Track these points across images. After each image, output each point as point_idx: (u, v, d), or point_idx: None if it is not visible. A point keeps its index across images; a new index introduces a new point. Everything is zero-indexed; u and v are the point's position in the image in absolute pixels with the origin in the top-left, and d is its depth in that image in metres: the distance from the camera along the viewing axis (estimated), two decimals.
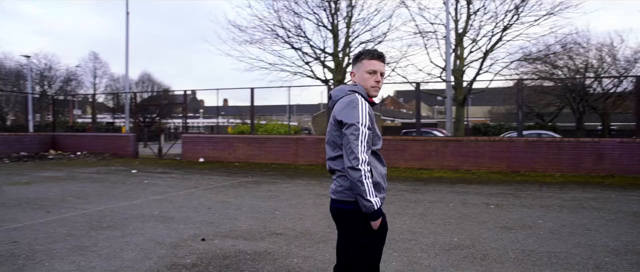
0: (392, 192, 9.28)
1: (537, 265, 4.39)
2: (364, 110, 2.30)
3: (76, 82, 46.40)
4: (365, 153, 2.24)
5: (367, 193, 2.21)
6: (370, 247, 2.38)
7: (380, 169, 2.42)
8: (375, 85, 2.46)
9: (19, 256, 4.63)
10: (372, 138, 2.37)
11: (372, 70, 2.44)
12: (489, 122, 40.00)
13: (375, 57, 2.46)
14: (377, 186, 2.34)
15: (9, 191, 9.32)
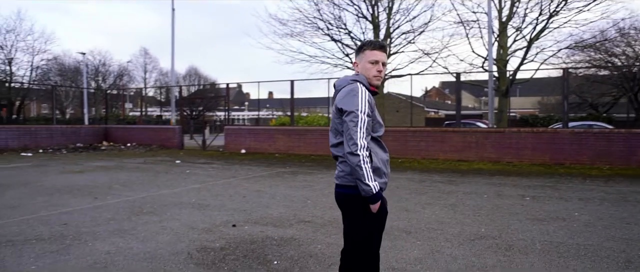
0: (426, 183, 9.24)
1: (563, 256, 4.31)
2: (363, 98, 2.39)
3: (128, 77, 48.65)
4: (364, 139, 2.32)
5: (366, 177, 2.30)
6: (370, 231, 2.47)
7: (381, 155, 2.50)
8: (377, 75, 2.53)
9: (67, 237, 5.03)
10: (372, 125, 2.44)
11: (374, 60, 2.52)
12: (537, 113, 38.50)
13: (377, 48, 2.53)
14: (377, 171, 2.42)
15: (64, 178, 10.01)
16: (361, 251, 2.51)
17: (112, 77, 42.34)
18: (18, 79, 30.36)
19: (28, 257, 4.31)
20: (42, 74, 32.76)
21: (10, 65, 29.95)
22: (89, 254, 4.41)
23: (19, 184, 9.14)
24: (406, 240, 4.93)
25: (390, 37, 21.07)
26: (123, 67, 44.09)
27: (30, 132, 19.61)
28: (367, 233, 2.48)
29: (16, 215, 6.18)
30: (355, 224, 2.49)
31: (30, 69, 30.65)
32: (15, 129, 19.49)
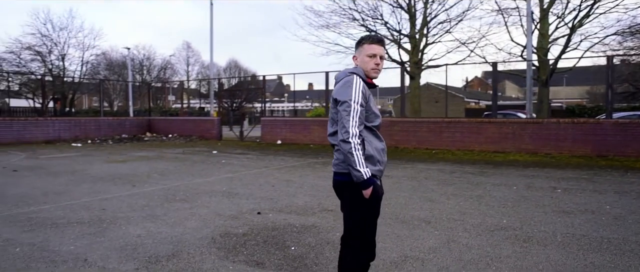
0: (456, 175, 9.17)
1: (583, 249, 4.25)
2: (357, 89, 2.48)
3: (171, 71, 50.27)
4: (356, 127, 2.43)
5: (357, 164, 2.41)
6: (364, 216, 2.57)
7: (375, 144, 2.58)
8: (375, 68, 2.62)
9: (104, 221, 5.40)
10: (367, 116, 2.54)
11: (372, 53, 2.60)
12: (585, 103, 36.83)
13: (375, 42, 2.62)
14: (370, 159, 2.51)
15: (107, 167, 10.60)
16: (355, 236, 2.62)
17: (156, 71, 43.86)
18: (70, 73, 31.99)
19: (68, 238, 4.68)
20: (92, 68, 34.38)
21: (63, 61, 31.64)
22: (121, 236, 4.73)
23: (67, 172, 9.77)
24: (424, 229, 4.98)
25: (427, 27, 20.76)
26: (166, 61, 45.59)
27: (80, 124, 20.73)
28: (361, 218, 2.58)
29: (62, 200, 6.66)
30: (350, 209, 2.60)
31: (80, 64, 32.26)
32: (67, 121, 20.65)
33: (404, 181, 8.47)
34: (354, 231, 2.61)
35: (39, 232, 4.89)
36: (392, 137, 15.89)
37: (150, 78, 44.61)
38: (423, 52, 21.02)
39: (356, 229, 2.60)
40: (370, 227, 2.62)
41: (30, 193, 7.26)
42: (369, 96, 2.58)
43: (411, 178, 8.79)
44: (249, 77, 49.46)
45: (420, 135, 15.33)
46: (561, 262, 3.89)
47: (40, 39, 30.20)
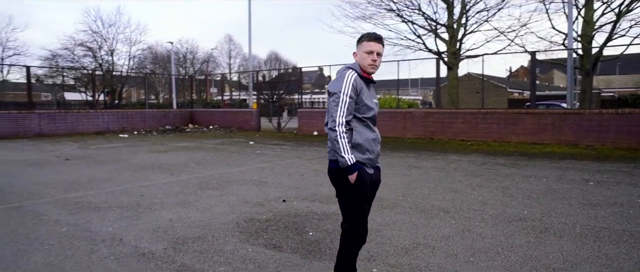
0: (487, 166, 9.11)
1: (601, 241, 4.23)
2: (348, 83, 2.66)
3: (214, 64, 51.58)
4: (343, 117, 2.61)
5: (342, 150, 2.59)
6: (353, 201, 2.74)
7: (366, 134, 2.74)
8: (372, 63, 2.77)
9: (141, 206, 5.83)
10: (358, 107, 2.70)
11: (370, 50, 2.76)
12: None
13: (373, 39, 2.77)
14: (359, 147, 2.68)
15: (149, 157, 11.20)
16: (347, 220, 2.80)
17: (198, 64, 45.17)
18: (118, 68, 33.53)
19: (108, 220, 5.10)
20: (138, 62, 35.87)
21: (112, 56, 33.19)
22: (155, 220, 5.11)
23: (113, 161, 10.42)
24: (442, 219, 5.08)
25: (466, 16, 20.34)
26: (209, 54, 46.81)
27: (127, 116, 21.79)
28: (351, 203, 2.75)
29: (106, 187, 7.18)
30: (340, 194, 2.78)
31: (128, 58, 33.73)
32: (115, 113, 21.77)
33: (432, 172, 8.52)
34: (346, 215, 2.80)
35: (83, 215, 5.36)
36: (426, 128, 15.81)
37: (194, 71, 46.04)
38: (461, 41, 20.63)
39: (348, 213, 2.78)
40: (358, 211, 2.77)
41: (79, 180, 7.86)
42: (362, 90, 2.73)
43: (440, 169, 8.81)
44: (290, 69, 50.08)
45: (456, 126, 15.17)
46: (573, 252, 3.91)
47: (91, 36, 31.84)
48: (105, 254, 3.97)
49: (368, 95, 2.78)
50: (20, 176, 8.30)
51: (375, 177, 2.83)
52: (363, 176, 2.69)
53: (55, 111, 19.89)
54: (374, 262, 3.75)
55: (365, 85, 2.78)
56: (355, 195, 2.73)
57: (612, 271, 3.48)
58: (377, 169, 2.91)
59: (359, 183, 2.69)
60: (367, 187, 2.75)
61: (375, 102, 2.88)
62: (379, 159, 2.90)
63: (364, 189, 2.74)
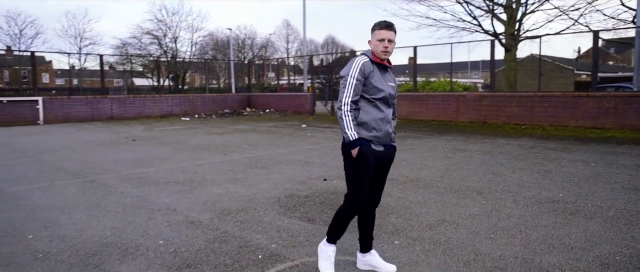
0: (535, 150, 8.97)
1: (631, 224, 4.23)
2: (356, 67, 2.94)
3: (272, 48, 52.72)
4: (349, 98, 2.90)
5: (346, 127, 2.89)
6: (353, 173, 3.03)
7: (374, 114, 2.99)
8: (384, 50, 3.01)
9: (194, 182, 6.41)
10: (367, 89, 2.96)
11: (381, 38, 3.00)
12: None
13: (384, 28, 3.00)
14: (365, 125, 2.95)
15: (207, 138, 11.97)
16: (348, 189, 3.09)
17: (256, 49, 46.37)
18: (181, 54, 35.24)
19: (165, 193, 5.71)
20: (200, 48, 37.47)
21: (175, 43, 34.93)
22: (205, 194, 5.65)
23: (174, 142, 11.26)
24: (473, 199, 5.22)
25: None
26: (267, 40, 47.87)
27: (188, 100, 23.04)
28: (350, 175, 3.05)
29: (165, 165, 7.89)
30: (345, 166, 3.08)
31: (190, 45, 35.35)
32: (178, 97, 23.08)
33: (476, 155, 8.53)
34: (347, 185, 3.09)
35: (144, 188, 6.01)
36: (479, 112, 15.54)
37: (253, 55, 47.36)
38: (520, 22, 19.85)
39: (348, 183, 3.07)
40: (355, 183, 3.04)
41: (142, 158, 8.65)
42: (371, 73, 2.98)
43: (485, 152, 8.79)
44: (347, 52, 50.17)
45: (510, 110, 14.79)
46: (598, 233, 3.97)
47: (157, 24, 33.64)
48: (160, 221, 4.53)
49: (379, 79, 3.02)
50: (94, 155, 9.25)
51: (383, 154, 3.08)
52: (364, 151, 2.96)
53: (124, 96, 21.43)
54: (397, 235, 4.02)
55: (378, 70, 3.02)
56: (356, 168, 3.01)
57: (633, 252, 3.53)
58: (391, 147, 3.15)
59: (359, 157, 2.96)
60: (367, 162, 3.00)
61: (392, 85, 3.10)
62: (391, 137, 3.13)
63: (364, 163, 2.99)
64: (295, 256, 3.53)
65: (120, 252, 3.68)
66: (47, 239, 4.01)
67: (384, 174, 3.21)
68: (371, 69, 2.99)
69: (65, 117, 18.52)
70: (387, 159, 3.14)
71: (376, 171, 3.13)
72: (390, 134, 3.11)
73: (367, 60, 3.01)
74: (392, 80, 3.15)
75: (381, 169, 3.16)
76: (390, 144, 3.14)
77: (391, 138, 3.15)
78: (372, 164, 3.04)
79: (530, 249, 3.62)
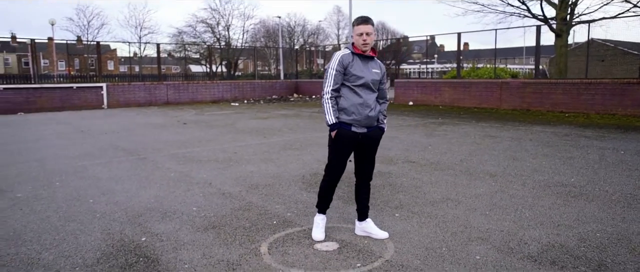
0: (568, 138, 8.97)
1: (629, 207, 4.41)
2: (336, 59, 3.41)
3: (323, 35, 53.20)
4: (330, 87, 3.39)
5: (326, 112, 3.39)
6: (331, 152, 3.53)
7: (353, 99, 3.41)
8: (363, 43, 3.42)
9: (232, 160, 7.10)
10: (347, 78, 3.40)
11: (359, 32, 3.42)
12: None
13: (361, 23, 3.42)
14: (345, 110, 3.41)
15: (251, 123, 12.73)
16: (327, 163, 3.59)
17: (306, 36, 47.03)
18: (234, 42, 36.50)
19: (204, 170, 6.42)
20: (252, 36, 38.60)
21: (228, 31, 36.24)
22: (239, 171, 6.31)
23: (220, 125, 12.10)
24: (484, 181, 5.53)
25: None
26: (316, 27, 48.38)
27: (238, 86, 24.08)
28: (330, 152, 3.55)
29: (209, 146, 8.66)
30: (328, 144, 3.56)
31: (242, 32, 36.54)
32: (228, 84, 24.18)
33: (504, 141, 8.68)
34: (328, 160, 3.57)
35: (187, 165, 6.76)
36: (523, 99, 15.34)
37: (304, 42, 48.12)
38: (574, 5, 19.15)
39: (328, 160, 3.55)
40: (333, 159, 3.53)
41: (190, 140, 9.50)
42: (351, 63, 3.40)
43: (514, 139, 8.91)
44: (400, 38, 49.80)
45: (555, 97, 14.51)
46: (591, 214, 4.21)
47: (211, 13, 35.03)
48: (197, 192, 5.21)
49: (360, 68, 3.43)
50: (149, 136, 10.22)
51: (365, 136, 3.50)
52: (341, 134, 3.42)
53: (179, 82, 22.76)
54: (400, 209, 4.46)
55: (359, 60, 3.45)
56: (333, 147, 3.50)
57: (616, 230, 3.78)
58: (377, 128, 3.57)
59: (337, 138, 3.44)
60: (343, 143, 3.46)
61: (376, 72, 3.49)
62: (376, 119, 3.54)
63: (340, 143, 3.46)
64: (304, 223, 4.07)
65: (160, 215, 4.37)
66: (104, 203, 4.79)
67: (370, 153, 3.64)
68: (350, 59, 3.43)
69: (126, 102, 20.04)
70: (370, 140, 3.56)
71: (362, 149, 3.59)
72: (373, 118, 3.49)
73: (347, 52, 3.45)
74: (377, 67, 3.53)
75: (366, 149, 3.60)
76: (375, 126, 3.56)
77: (377, 120, 3.57)
78: (350, 144, 3.49)
79: (518, 224, 3.95)
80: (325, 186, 3.64)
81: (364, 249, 3.46)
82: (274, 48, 40.99)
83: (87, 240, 3.73)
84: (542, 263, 3.14)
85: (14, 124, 13.53)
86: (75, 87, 19.39)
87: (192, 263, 3.23)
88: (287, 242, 3.61)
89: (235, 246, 3.55)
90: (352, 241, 3.62)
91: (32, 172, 6.42)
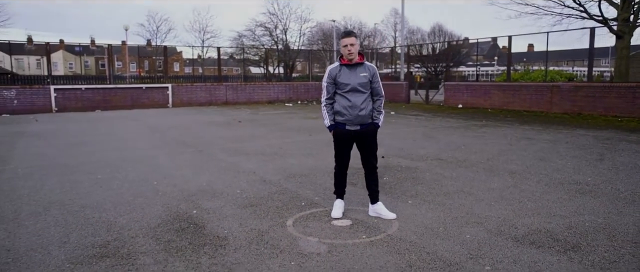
0: (607, 142, 9.02)
1: (632, 203, 4.70)
2: (326, 75, 4.16)
3: (380, 37, 53.49)
4: (325, 96, 4.16)
5: (324, 118, 4.17)
6: (334, 145, 4.30)
7: (343, 102, 4.09)
8: (348, 52, 4.06)
9: (277, 154, 7.92)
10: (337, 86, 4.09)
11: (344, 44, 4.08)
12: None
13: (345, 36, 4.10)
14: (338, 112, 4.13)
15: (300, 122, 13.58)
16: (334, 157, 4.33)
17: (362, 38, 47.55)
18: (291, 44, 37.78)
19: (251, 162, 7.28)
20: (309, 39, 39.70)
21: (285, 34, 37.55)
22: (282, 163, 7.11)
23: (272, 124, 13.05)
24: (502, 177, 5.95)
25: None
26: (372, 29, 48.80)
27: (293, 87, 25.12)
28: (334, 148, 4.30)
29: (259, 141, 9.56)
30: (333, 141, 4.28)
31: (299, 35, 37.73)
32: (283, 85, 25.30)
33: (539, 143, 8.89)
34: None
35: (237, 157, 7.66)
36: (575, 103, 15.10)
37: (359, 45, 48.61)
38: (638, 5, 18.37)
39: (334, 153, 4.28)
40: (336, 153, 4.32)
41: (242, 136, 10.47)
42: (338, 73, 4.09)
43: (550, 142, 9.09)
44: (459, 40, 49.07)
45: (609, 101, 14.20)
46: (590, 208, 4.57)
47: (269, 17, 36.48)
48: (242, 179, 6.05)
49: (346, 76, 4.08)
50: (207, 132, 11.33)
51: (359, 132, 4.16)
52: (338, 132, 4.17)
53: (237, 83, 24.15)
54: (414, 198, 5.04)
55: (346, 69, 4.10)
56: (334, 143, 4.30)
57: (606, 221, 4.15)
58: (368, 125, 4.18)
59: (335, 137, 4.21)
60: (339, 140, 4.22)
61: (363, 75, 4.09)
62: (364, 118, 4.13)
63: (338, 140, 4.24)
64: (328, 206, 4.76)
65: (209, 195, 5.23)
66: (164, 185, 5.75)
67: (368, 145, 4.28)
68: (338, 70, 4.11)
69: (188, 101, 21.63)
70: (364, 135, 4.21)
71: (361, 144, 4.27)
72: (364, 116, 4.12)
73: (335, 65, 4.16)
74: (365, 71, 4.14)
75: (363, 142, 4.27)
76: (369, 122, 4.19)
77: (370, 118, 4.18)
78: (346, 140, 4.22)
79: (516, 213, 4.42)
80: (335, 173, 4.39)
81: (372, 226, 4.10)
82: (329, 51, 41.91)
83: (151, 211, 4.64)
84: (523, 243, 3.63)
85: (94, 120, 15.25)
86: (144, 87, 21.22)
87: (230, 230, 4.03)
88: (309, 219, 4.33)
89: (267, 220, 4.31)
90: (364, 220, 4.27)
91: (110, 159, 7.58)
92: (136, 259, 3.40)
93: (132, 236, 3.91)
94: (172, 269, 3.22)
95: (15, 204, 4.94)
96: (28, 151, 8.71)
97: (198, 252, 3.52)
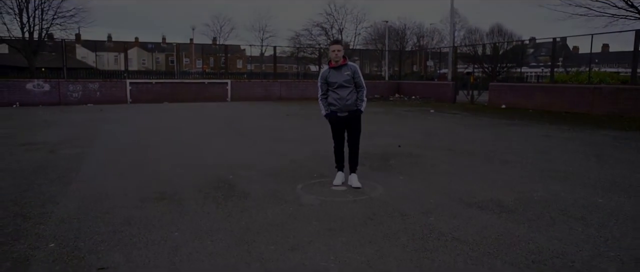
0: (632, 142, 9.46)
1: (609, 191, 5.40)
2: (319, 77, 5.38)
3: (439, 36, 53.47)
4: (320, 93, 5.39)
5: (321, 108, 5.38)
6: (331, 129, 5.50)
7: (333, 96, 5.31)
8: (335, 57, 5.25)
9: (310, 141, 9.23)
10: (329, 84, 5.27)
11: (332, 50, 5.28)
12: None
13: (333, 44, 5.38)
14: (331, 104, 5.31)
15: None
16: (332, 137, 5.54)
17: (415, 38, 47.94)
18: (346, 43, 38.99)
19: (286, 146, 8.63)
20: (364, 38, 40.78)
21: (341, 34, 38.84)
22: (312, 148, 8.41)
23: (315, 117, 14.38)
24: (494, 165, 6.87)
25: None
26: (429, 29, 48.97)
27: None
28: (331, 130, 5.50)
29: (296, 131, 10.93)
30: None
31: (354, 35, 38.93)
32: None
33: (553, 140, 9.55)
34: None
35: (276, 143, 9.07)
36: (616, 105, 15.19)
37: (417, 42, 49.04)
38: None
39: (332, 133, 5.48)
40: (333, 135, 5.56)
41: (282, 126, 11.92)
42: (327, 75, 5.30)
43: (567, 139, 9.70)
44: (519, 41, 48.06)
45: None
46: (550, 189, 5.44)
47: (326, 18, 37.96)
48: (274, 158, 7.43)
49: (334, 76, 5.27)
50: (256, 122, 12.87)
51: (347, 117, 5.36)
52: (332, 117, 5.38)
53: (291, 80, 25.80)
54: (406, 176, 6.15)
55: (334, 71, 5.28)
56: (331, 128, 5.52)
57: (554, 197, 5.05)
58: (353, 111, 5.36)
59: (330, 122, 5.44)
60: (334, 123, 5.45)
61: (347, 74, 5.24)
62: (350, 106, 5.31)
63: (332, 124, 5.47)
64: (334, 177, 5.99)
65: (245, 168, 6.64)
66: (212, 159, 7.25)
67: (353, 127, 5.47)
68: (327, 73, 5.33)
69: (245, 96, 23.52)
70: (350, 119, 5.41)
71: (348, 126, 5.48)
72: (350, 104, 5.32)
73: (325, 69, 5.37)
74: (348, 70, 5.28)
75: (350, 125, 5.47)
76: (354, 109, 5.37)
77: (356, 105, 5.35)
78: (338, 123, 5.44)
79: (481, 188, 5.42)
80: (335, 150, 5.66)
81: (362, 191, 5.30)
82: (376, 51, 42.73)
83: (199, 176, 6.11)
84: (471, 206, 4.68)
85: (161, 110, 17.38)
86: (206, 82, 23.35)
87: (253, 189, 5.39)
88: (315, 185, 5.60)
89: (283, 185, 5.63)
90: (358, 189, 5.47)
91: (173, 140, 9.27)
92: (184, 202, 4.84)
93: (183, 189, 5.38)
94: (207, 209, 4.61)
95: (105, 168, 6.62)
96: (111, 132, 10.65)
97: (227, 201, 4.90)
